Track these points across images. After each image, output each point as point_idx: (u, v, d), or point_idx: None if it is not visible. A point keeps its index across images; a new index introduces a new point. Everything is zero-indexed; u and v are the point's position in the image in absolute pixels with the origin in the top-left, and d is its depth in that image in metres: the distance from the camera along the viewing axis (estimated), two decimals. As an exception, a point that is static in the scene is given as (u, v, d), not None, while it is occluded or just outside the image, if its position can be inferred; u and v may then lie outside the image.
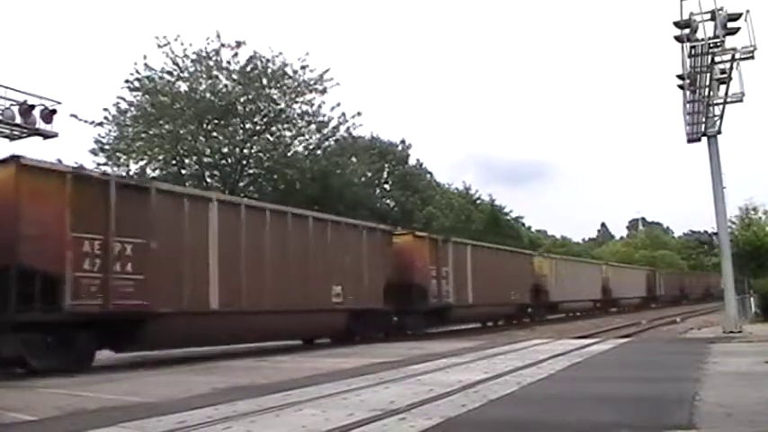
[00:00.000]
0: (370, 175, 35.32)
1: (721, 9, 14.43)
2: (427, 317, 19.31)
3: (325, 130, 28.77)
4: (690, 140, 17.01)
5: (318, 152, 29.08)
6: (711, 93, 15.89)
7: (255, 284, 12.85)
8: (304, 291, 14.13)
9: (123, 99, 25.69)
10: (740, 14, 14.45)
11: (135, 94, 25.81)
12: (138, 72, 25.39)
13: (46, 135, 16.19)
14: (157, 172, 25.97)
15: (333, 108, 28.37)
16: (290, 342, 15.53)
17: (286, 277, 13.66)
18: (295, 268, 13.99)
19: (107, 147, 25.70)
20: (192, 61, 26.08)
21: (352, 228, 16.65)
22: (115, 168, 25.24)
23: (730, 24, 14.47)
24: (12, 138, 16.01)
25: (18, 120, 15.69)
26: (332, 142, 29.59)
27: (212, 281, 11.93)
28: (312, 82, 27.48)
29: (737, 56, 14.87)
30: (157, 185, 12.16)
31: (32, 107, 15.85)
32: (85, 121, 24.43)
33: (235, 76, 26.53)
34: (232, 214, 12.76)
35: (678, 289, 54.42)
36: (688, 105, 16.51)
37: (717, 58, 14.96)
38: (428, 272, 19.47)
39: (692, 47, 14.60)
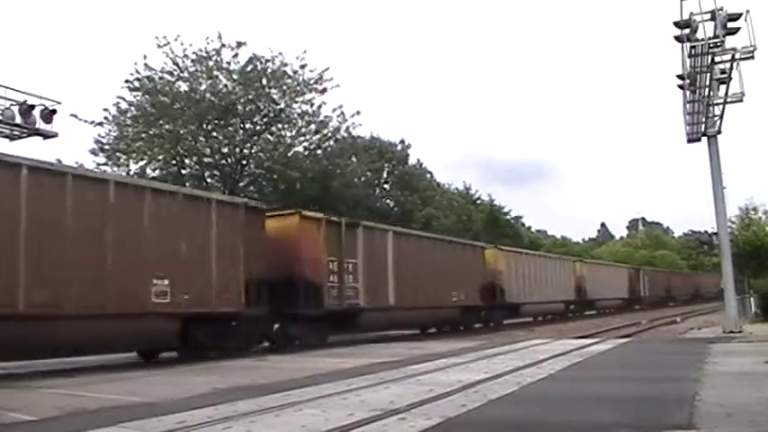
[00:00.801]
0: (369, 174, 35.32)
1: (721, 9, 14.44)
2: (324, 323, 15.17)
3: (324, 131, 28.77)
4: (690, 140, 17.02)
5: (319, 152, 29.08)
6: (711, 93, 15.89)
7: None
8: (100, 287, 10.15)
9: (123, 99, 25.70)
10: (740, 14, 14.46)
11: (135, 94, 25.80)
12: (138, 72, 25.38)
13: (46, 135, 16.20)
14: (157, 172, 25.96)
15: (334, 110, 28.44)
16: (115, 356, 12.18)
17: (63, 267, 9.74)
18: (82, 255, 10.07)
19: (107, 147, 25.67)
20: (192, 61, 26.07)
21: (190, 201, 12.30)
22: (115, 168, 25.29)
23: (730, 24, 14.47)
24: (12, 138, 16.02)
25: (18, 120, 15.70)
26: (332, 142, 29.59)
27: None
28: (312, 81, 27.49)
29: (737, 56, 14.87)
30: None
31: (32, 107, 15.86)
32: (85, 121, 24.48)
33: (235, 77, 26.52)
34: None
35: (664, 289, 51.25)
36: (688, 105, 16.51)
37: (717, 58, 14.96)
38: (323, 264, 15.02)
39: (692, 47, 14.60)
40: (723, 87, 15.70)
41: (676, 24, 14.70)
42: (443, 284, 20.21)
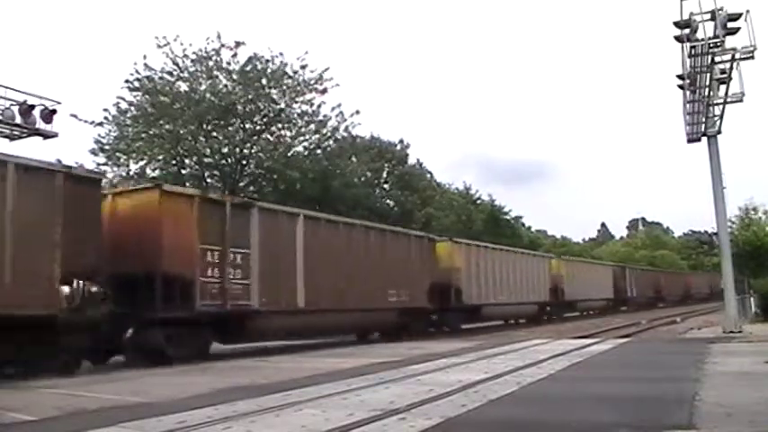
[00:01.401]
0: (369, 174, 35.32)
1: (721, 9, 14.44)
2: (200, 330, 12.24)
3: (324, 130, 28.77)
4: (690, 140, 17.03)
5: (318, 152, 29.09)
6: (711, 93, 15.90)
7: None
8: None
9: (123, 99, 25.71)
10: (740, 14, 14.47)
11: (135, 94, 25.82)
12: (137, 72, 25.40)
13: (46, 135, 16.19)
14: (157, 172, 25.97)
15: (333, 108, 28.45)
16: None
17: None
18: None
19: (107, 147, 25.69)
20: (192, 61, 26.09)
21: None
22: (115, 168, 25.32)
23: (730, 24, 14.48)
24: (12, 138, 16.03)
25: (18, 120, 15.69)
26: (331, 142, 29.59)
27: None
28: (312, 81, 27.50)
29: (737, 56, 14.88)
30: None
31: (32, 107, 15.85)
32: (85, 121, 24.51)
33: (235, 77, 26.53)
34: None
35: (653, 290, 48.11)
36: (688, 105, 16.52)
37: (717, 58, 14.97)
38: (196, 254, 12.03)
39: (692, 47, 14.61)
40: (723, 87, 15.71)
41: (676, 24, 14.71)
42: (377, 283, 16.93)
